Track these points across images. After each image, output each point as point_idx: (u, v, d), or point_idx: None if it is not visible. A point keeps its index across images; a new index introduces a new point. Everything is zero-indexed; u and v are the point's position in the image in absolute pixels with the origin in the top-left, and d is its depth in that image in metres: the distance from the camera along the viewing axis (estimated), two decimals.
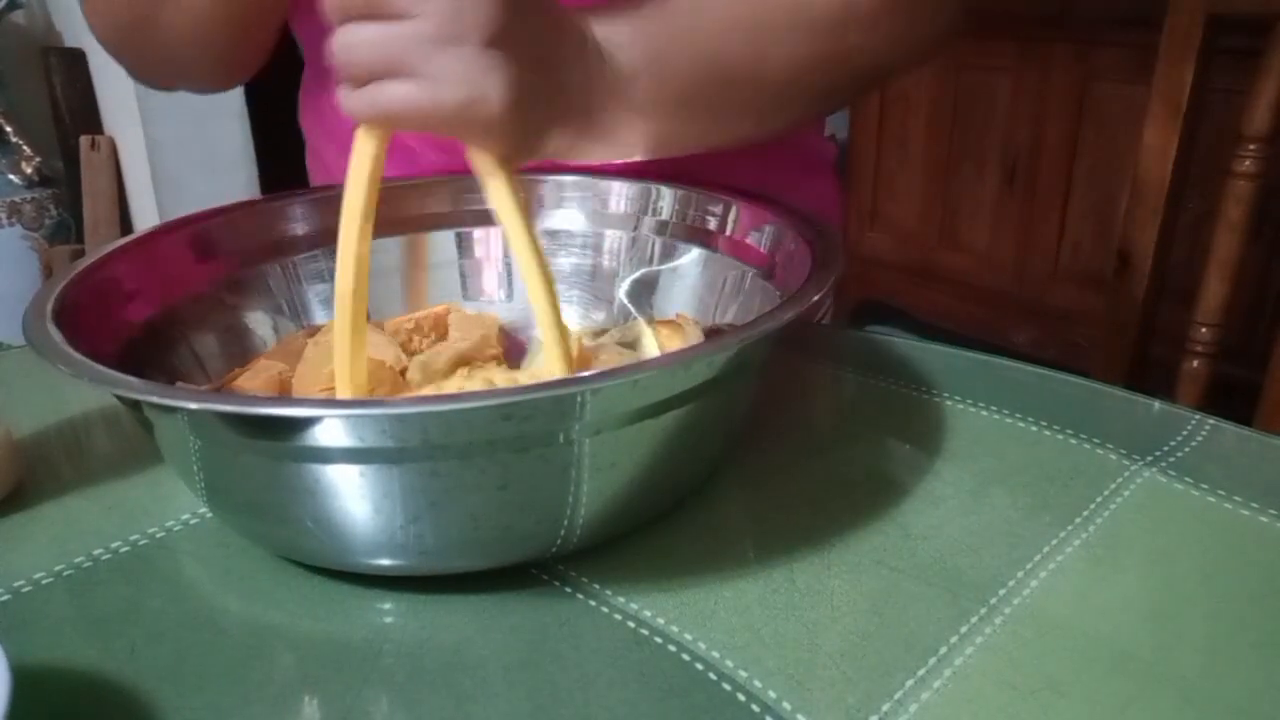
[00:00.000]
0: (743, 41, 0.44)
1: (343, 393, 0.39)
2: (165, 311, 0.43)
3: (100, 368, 0.32)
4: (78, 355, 0.32)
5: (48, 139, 1.89)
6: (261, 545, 0.37)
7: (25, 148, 1.79)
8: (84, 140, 1.84)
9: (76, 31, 1.86)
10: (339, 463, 0.30)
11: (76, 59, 1.86)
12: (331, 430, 0.29)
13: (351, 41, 0.35)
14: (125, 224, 1.89)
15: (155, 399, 0.30)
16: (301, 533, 0.33)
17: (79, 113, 1.87)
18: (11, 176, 1.76)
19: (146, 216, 1.84)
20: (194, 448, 0.33)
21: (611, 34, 0.41)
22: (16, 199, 1.76)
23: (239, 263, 0.47)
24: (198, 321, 0.44)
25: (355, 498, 0.31)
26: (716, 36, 0.44)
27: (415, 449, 0.30)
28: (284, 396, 0.41)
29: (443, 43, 0.34)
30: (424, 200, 0.52)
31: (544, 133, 0.40)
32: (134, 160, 1.83)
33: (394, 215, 0.51)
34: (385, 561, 0.33)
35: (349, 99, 0.36)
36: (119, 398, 0.33)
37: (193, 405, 0.31)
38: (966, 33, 1.79)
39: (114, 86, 1.80)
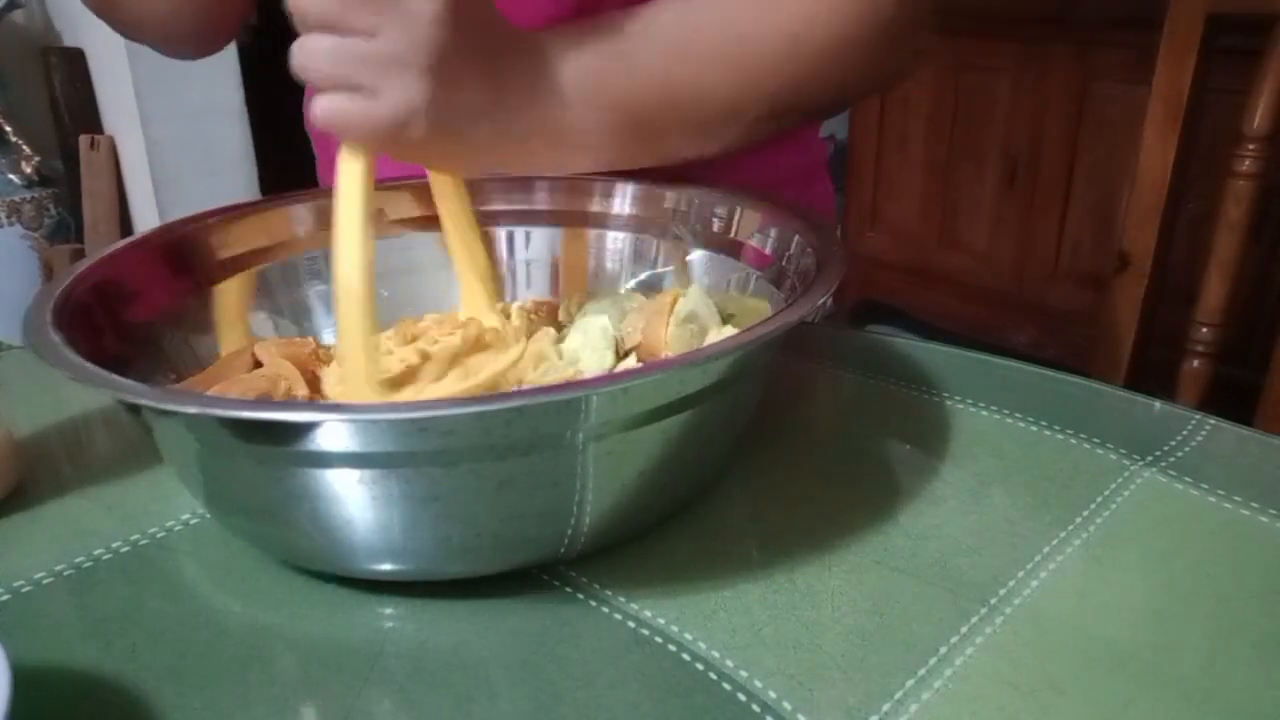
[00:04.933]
0: (684, 68, 0.45)
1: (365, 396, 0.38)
2: (166, 313, 0.43)
3: (101, 371, 0.31)
4: (78, 359, 0.32)
5: (47, 138, 1.89)
6: (262, 549, 0.36)
7: (25, 147, 1.79)
8: (83, 140, 1.84)
9: (76, 31, 1.86)
10: (345, 468, 0.30)
11: (76, 58, 1.86)
12: (340, 436, 0.29)
13: (311, 49, 0.37)
14: (125, 224, 1.89)
15: (158, 404, 0.30)
16: (303, 538, 0.33)
17: (78, 112, 1.87)
18: (11, 176, 1.76)
19: (146, 216, 1.84)
20: (195, 452, 0.33)
21: (558, 55, 0.43)
22: (16, 198, 1.76)
23: (239, 264, 0.47)
24: (198, 323, 0.44)
25: (360, 504, 0.31)
26: (660, 61, 0.45)
27: (420, 454, 0.30)
28: (291, 401, 0.41)
29: (389, 64, 0.37)
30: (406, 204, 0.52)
31: (482, 152, 0.42)
32: (134, 160, 1.83)
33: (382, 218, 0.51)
34: (388, 567, 0.33)
35: (313, 105, 0.38)
36: (121, 401, 0.33)
37: (194, 410, 0.30)
38: (966, 33, 1.79)
39: (114, 86, 1.80)
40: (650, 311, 0.44)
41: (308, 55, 0.37)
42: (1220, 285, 1.01)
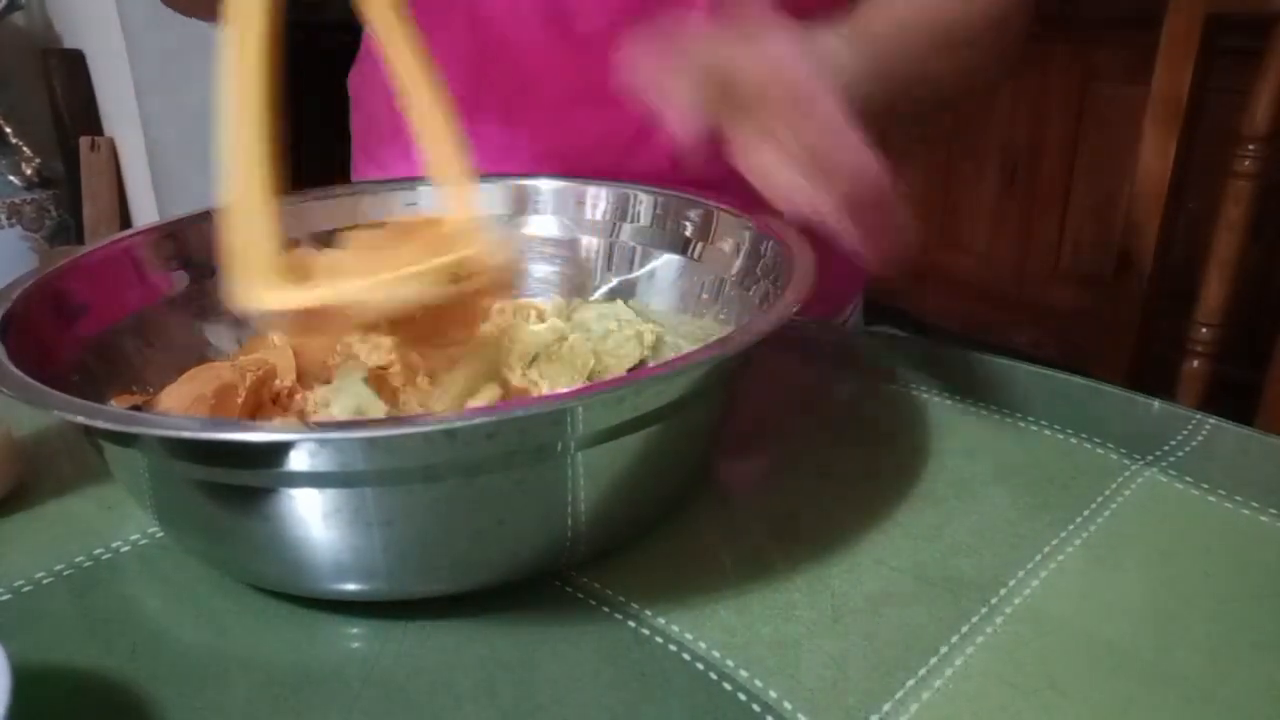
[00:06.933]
0: (926, 52, 0.49)
1: (254, 283, 0.34)
2: (124, 323, 0.42)
3: (40, 387, 0.30)
4: (18, 373, 0.31)
5: (48, 140, 1.89)
6: (225, 572, 0.35)
7: (25, 149, 1.79)
8: (84, 141, 1.84)
9: (76, 33, 1.86)
10: (308, 487, 0.29)
11: (76, 60, 1.86)
12: (302, 455, 0.28)
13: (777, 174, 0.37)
14: (125, 224, 1.89)
15: (111, 426, 0.29)
16: (272, 562, 0.32)
17: (79, 114, 1.87)
18: (11, 178, 1.76)
19: (146, 217, 1.83)
20: (139, 471, 0.31)
21: (870, 51, 0.44)
22: (16, 200, 1.76)
23: (198, 273, 0.46)
24: (155, 334, 0.43)
25: (330, 525, 0.30)
26: (915, 48, 0.49)
27: (403, 470, 0.29)
28: (257, 422, 0.39)
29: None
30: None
31: None
32: (134, 161, 1.83)
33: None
34: (368, 587, 0.33)
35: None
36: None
37: (146, 432, 0.29)
38: None
39: (114, 88, 1.80)
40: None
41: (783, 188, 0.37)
42: (1220, 285, 1.01)
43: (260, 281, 0.34)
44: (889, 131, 0.50)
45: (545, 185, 0.51)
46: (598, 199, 0.50)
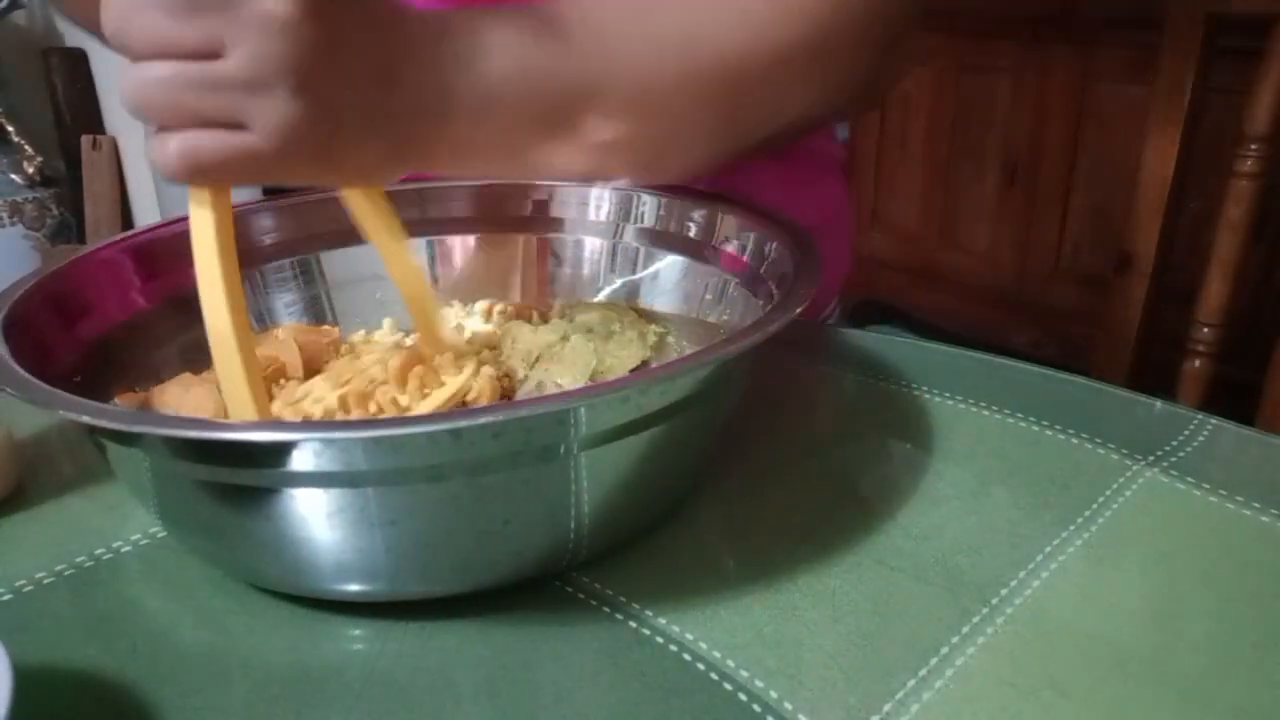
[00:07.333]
0: (630, 57, 0.40)
1: None
2: (127, 324, 0.42)
3: (45, 387, 0.30)
4: (17, 370, 0.31)
5: (49, 139, 1.89)
6: (227, 572, 0.35)
7: (27, 148, 1.79)
8: (85, 140, 1.84)
9: (77, 32, 1.86)
10: (312, 487, 0.29)
11: (78, 59, 1.86)
12: (305, 455, 0.28)
13: (144, 81, 0.31)
14: (127, 223, 1.89)
15: (94, 420, 0.29)
16: (274, 562, 0.32)
17: (80, 113, 1.88)
18: (13, 176, 1.77)
19: (148, 216, 1.84)
20: (143, 471, 0.31)
21: (472, 35, 0.37)
22: (18, 199, 1.76)
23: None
24: (160, 334, 0.43)
25: (332, 525, 0.30)
26: (599, 45, 0.39)
27: (405, 470, 0.29)
28: (263, 422, 0.38)
29: (247, 86, 0.31)
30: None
31: (386, 161, 0.36)
32: (135, 160, 1.83)
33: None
34: (384, 586, 0.33)
35: (154, 151, 0.32)
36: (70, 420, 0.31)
37: (159, 432, 0.29)
38: (966, 33, 1.79)
39: (115, 86, 1.80)
40: None
41: (142, 88, 0.31)
42: (1221, 285, 1.01)
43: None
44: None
45: (546, 186, 0.51)
46: (601, 200, 0.50)
